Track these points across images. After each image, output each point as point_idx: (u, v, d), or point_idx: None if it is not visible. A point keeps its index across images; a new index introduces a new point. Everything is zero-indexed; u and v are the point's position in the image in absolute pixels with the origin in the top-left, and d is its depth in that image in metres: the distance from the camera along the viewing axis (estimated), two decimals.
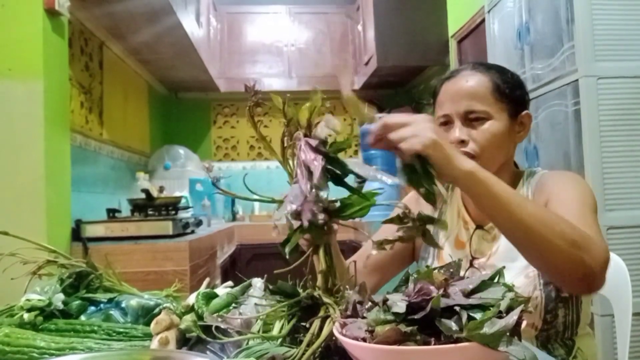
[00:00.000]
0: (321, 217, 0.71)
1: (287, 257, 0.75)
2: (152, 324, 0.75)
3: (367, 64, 4.13)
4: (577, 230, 0.86)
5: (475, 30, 2.93)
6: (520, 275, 1.04)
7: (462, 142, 1.06)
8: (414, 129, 0.80)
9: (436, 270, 0.64)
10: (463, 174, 0.82)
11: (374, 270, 1.19)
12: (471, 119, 1.08)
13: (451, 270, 0.66)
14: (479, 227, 1.12)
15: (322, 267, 0.74)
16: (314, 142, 0.73)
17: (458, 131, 1.07)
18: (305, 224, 0.71)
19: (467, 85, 1.09)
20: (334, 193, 0.76)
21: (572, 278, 0.87)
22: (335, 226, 0.81)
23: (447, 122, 1.10)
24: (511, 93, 1.11)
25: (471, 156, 1.06)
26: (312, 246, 0.77)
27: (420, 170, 0.80)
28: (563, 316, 1.04)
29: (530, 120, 1.15)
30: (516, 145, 1.16)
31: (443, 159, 0.80)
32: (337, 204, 0.76)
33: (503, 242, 1.09)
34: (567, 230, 0.84)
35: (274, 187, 0.81)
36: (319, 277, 0.78)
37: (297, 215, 0.72)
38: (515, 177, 1.17)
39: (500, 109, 1.09)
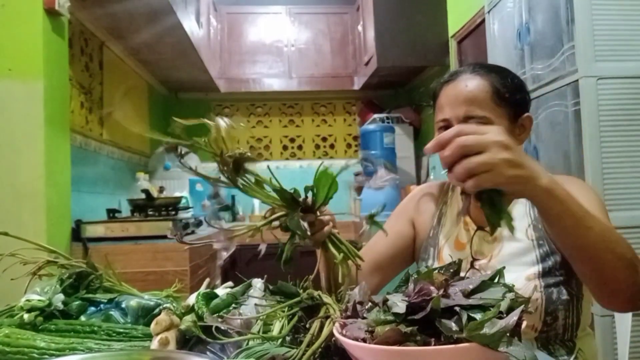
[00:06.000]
0: (305, 224, 0.77)
1: (283, 269, 0.79)
2: (152, 325, 0.75)
3: (367, 64, 4.13)
4: (631, 250, 0.85)
5: (475, 31, 2.93)
6: (521, 277, 1.04)
7: None
8: (488, 160, 0.72)
9: (436, 271, 0.64)
10: (541, 191, 0.77)
11: (375, 271, 1.19)
12: None
13: (451, 270, 0.66)
14: (480, 228, 1.12)
15: (338, 258, 0.80)
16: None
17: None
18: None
19: (466, 90, 1.08)
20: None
21: (621, 298, 0.87)
22: (327, 217, 0.83)
23: (447, 127, 1.10)
24: (511, 97, 1.09)
25: None
26: (319, 244, 0.83)
27: (486, 201, 0.73)
28: (563, 318, 1.04)
29: (531, 123, 1.14)
30: None
31: (519, 184, 0.75)
32: (310, 197, 0.81)
33: (506, 245, 1.09)
34: (625, 251, 0.84)
35: None
36: (324, 274, 0.81)
37: (286, 228, 0.79)
38: None
39: (500, 113, 1.08)
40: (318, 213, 0.84)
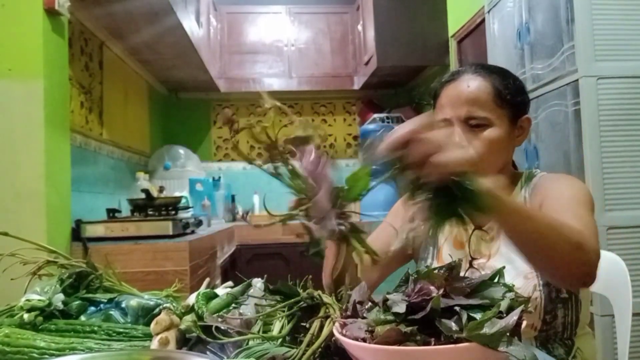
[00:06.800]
0: (346, 225, 0.73)
1: (309, 255, 0.74)
2: (152, 324, 0.75)
3: (367, 64, 4.13)
4: (576, 232, 0.87)
5: (475, 30, 2.93)
6: (520, 276, 1.04)
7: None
8: (437, 138, 0.71)
9: (436, 270, 0.64)
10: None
11: (373, 267, 1.19)
12: (471, 125, 1.07)
13: (451, 270, 0.66)
14: (478, 227, 1.12)
15: (358, 251, 0.76)
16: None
17: (458, 137, 1.07)
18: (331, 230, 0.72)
19: (468, 90, 1.08)
20: None
21: (573, 278, 0.90)
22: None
23: (447, 126, 1.10)
24: (512, 99, 1.10)
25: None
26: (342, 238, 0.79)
27: (458, 192, 0.70)
28: (562, 317, 1.04)
29: (529, 124, 1.15)
30: (514, 148, 1.16)
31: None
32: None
33: (503, 244, 1.09)
34: (570, 233, 0.86)
35: (273, 187, 0.81)
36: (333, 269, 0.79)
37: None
38: (513, 179, 1.17)
39: (501, 115, 1.08)
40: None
